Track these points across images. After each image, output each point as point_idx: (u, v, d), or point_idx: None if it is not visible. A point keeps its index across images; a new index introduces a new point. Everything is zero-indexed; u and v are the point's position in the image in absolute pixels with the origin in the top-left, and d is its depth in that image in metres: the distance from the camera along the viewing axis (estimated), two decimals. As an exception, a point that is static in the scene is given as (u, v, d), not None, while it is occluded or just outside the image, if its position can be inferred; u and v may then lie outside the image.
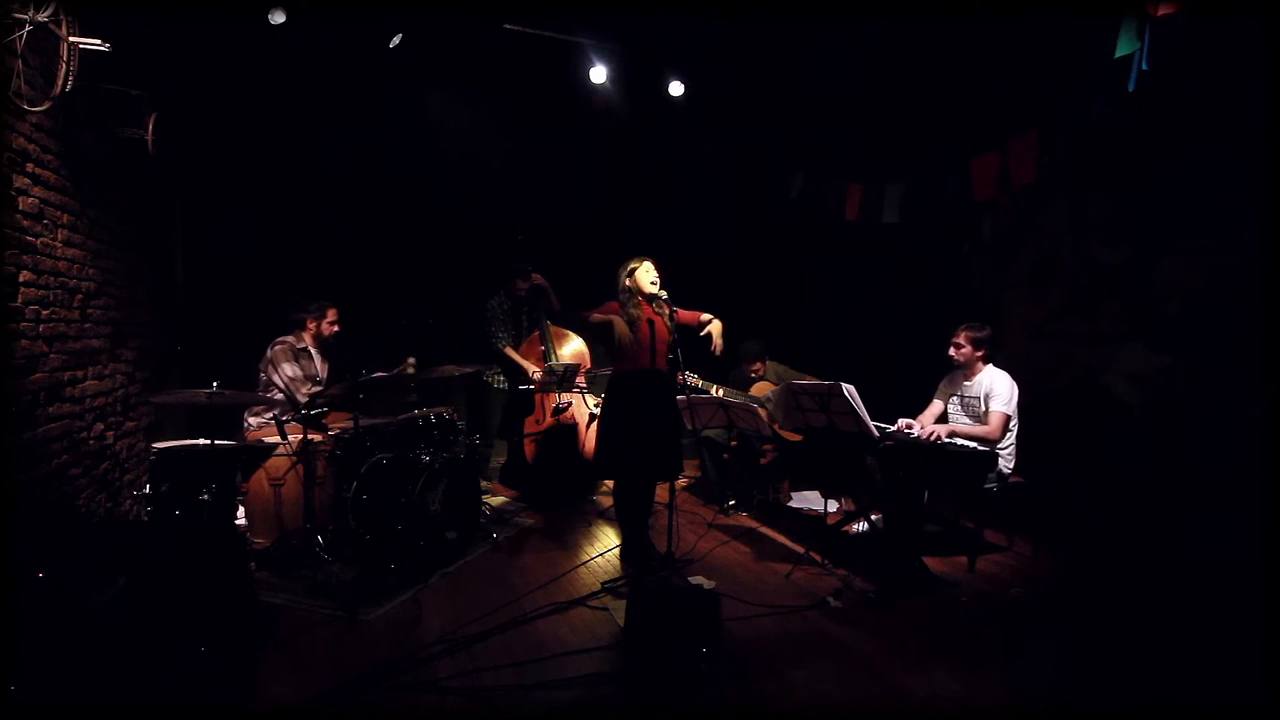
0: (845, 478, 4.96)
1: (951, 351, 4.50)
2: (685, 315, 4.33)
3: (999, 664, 3.18)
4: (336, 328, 4.87)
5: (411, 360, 4.78)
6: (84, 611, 2.70)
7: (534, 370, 5.76)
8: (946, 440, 4.20)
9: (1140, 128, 4.72)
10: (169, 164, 4.96)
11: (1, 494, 3.00)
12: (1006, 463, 4.32)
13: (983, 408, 4.36)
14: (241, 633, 3.22)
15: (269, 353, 4.68)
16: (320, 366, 4.87)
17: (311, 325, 4.83)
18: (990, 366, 4.44)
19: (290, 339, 4.76)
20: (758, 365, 5.70)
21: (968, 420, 4.46)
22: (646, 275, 4.22)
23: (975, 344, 4.43)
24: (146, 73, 4.43)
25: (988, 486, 4.27)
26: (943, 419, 4.59)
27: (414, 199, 6.33)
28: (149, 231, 5.06)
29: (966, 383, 4.48)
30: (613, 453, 4.28)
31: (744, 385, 5.72)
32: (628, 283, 4.23)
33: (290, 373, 4.64)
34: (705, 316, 4.37)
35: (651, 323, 4.21)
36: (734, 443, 5.58)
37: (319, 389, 4.63)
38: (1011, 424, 4.30)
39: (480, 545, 4.56)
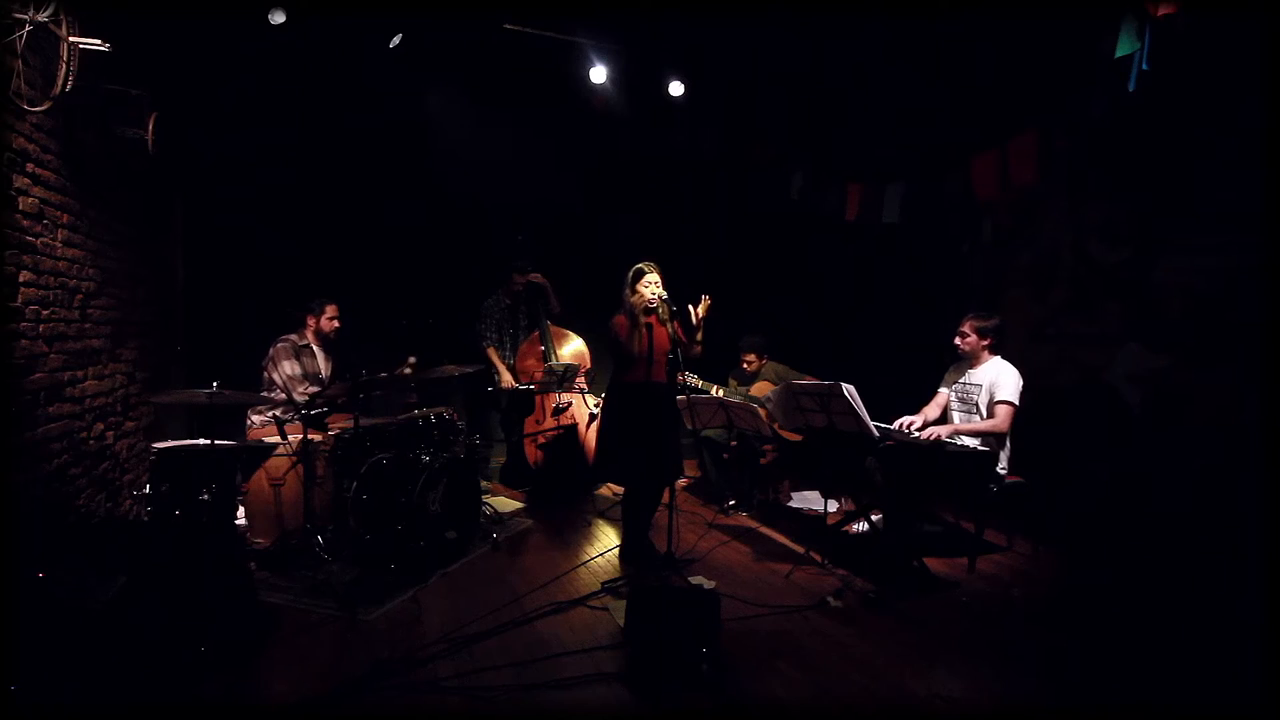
0: (845, 478, 4.96)
1: (957, 341, 4.48)
2: (680, 334, 4.29)
3: (999, 664, 3.18)
4: (336, 323, 4.87)
5: (412, 359, 4.79)
6: (84, 611, 2.70)
7: (506, 377, 5.83)
8: (946, 440, 4.20)
9: (1140, 128, 4.72)
10: (169, 164, 4.96)
11: (1, 494, 3.01)
12: (1004, 462, 4.32)
13: (982, 397, 4.33)
14: (241, 632, 3.22)
15: (271, 350, 4.70)
16: (324, 363, 4.87)
17: (311, 322, 4.84)
18: (997, 358, 4.41)
19: (293, 336, 4.78)
20: (751, 357, 5.70)
21: (964, 409, 4.44)
22: (647, 290, 4.18)
23: (980, 333, 4.40)
24: (146, 73, 4.43)
25: (988, 486, 4.27)
26: (948, 409, 4.58)
27: (414, 199, 6.33)
28: (149, 231, 5.06)
29: (971, 371, 4.46)
30: (614, 460, 4.33)
31: (744, 383, 5.72)
32: (629, 293, 4.22)
33: (289, 371, 4.65)
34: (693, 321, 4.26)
35: (650, 329, 4.20)
36: (734, 443, 5.58)
37: (316, 389, 4.64)
38: (1014, 412, 4.27)
39: (480, 545, 4.56)
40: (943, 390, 4.62)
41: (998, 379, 4.31)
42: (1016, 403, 4.24)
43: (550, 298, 5.95)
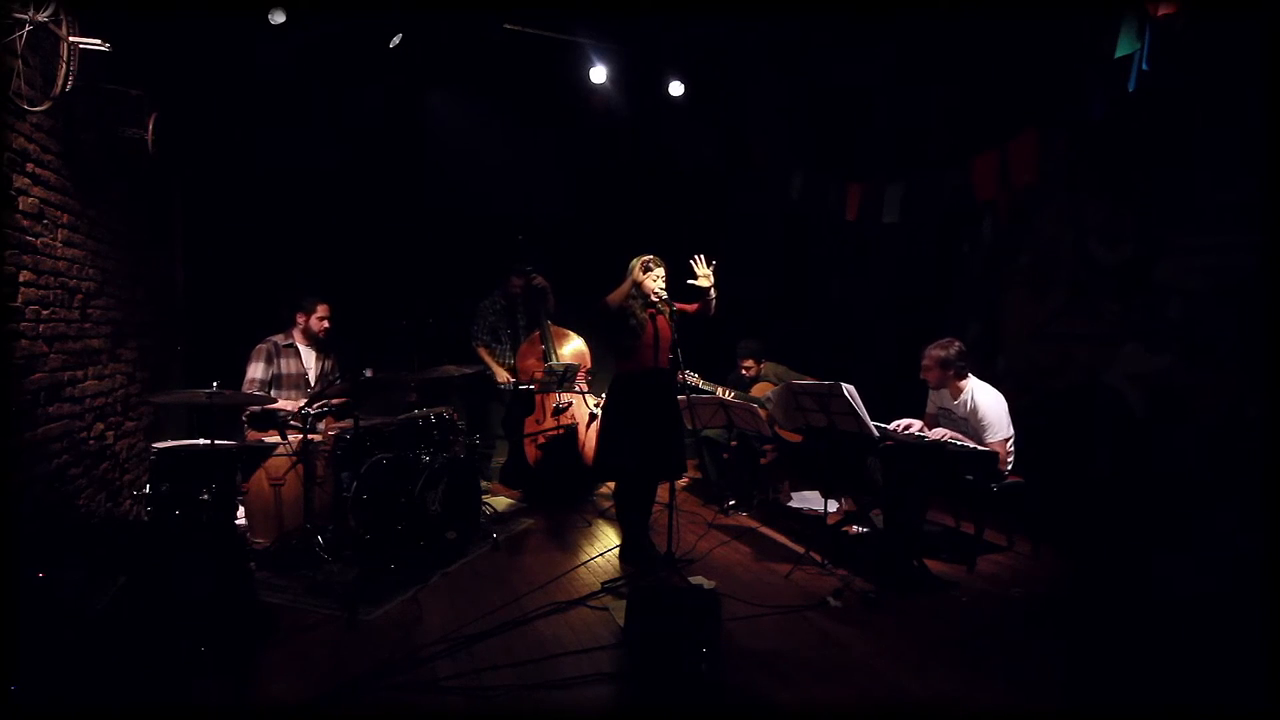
0: (845, 478, 4.95)
1: (924, 375, 4.40)
2: (687, 308, 4.30)
3: (999, 664, 3.18)
4: (327, 323, 4.81)
5: (368, 371, 4.79)
6: (84, 611, 2.70)
7: (500, 373, 5.85)
8: (948, 440, 4.19)
9: (1140, 128, 4.72)
10: (169, 164, 4.96)
11: (2, 494, 3.01)
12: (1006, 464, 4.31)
13: (968, 428, 4.28)
14: (241, 633, 3.22)
15: (251, 352, 4.68)
16: (314, 364, 4.85)
17: (301, 321, 4.80)
18: (971, 381, 4.32)
19: (277, 337, 4.75)
20: (749, 362, 5.70)
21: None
22: (657, 283, 4.19)
23: (942, 365, 4.29)
24: (146, 73, 4.43)
25: (988, 486, 4.26)
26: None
27: (415, 199, 6.33)
28: (149, 231, 5.06)
29: (953, 401, 4.38)
30: (616, 453, 4.28)
31: (742, 386, 5.72)
32: (632, 285, 4.22)
33: (251, 374, 4.60)
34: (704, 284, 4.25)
35: (655, 321, 4.21)
36: (734, 443, 5.58)
37: (266, 396, 4.59)
38: (1009, 441, 4.25)
39: (480, 545, 4.56)
40: (929, 412, 4.59)
41: (982, 415, 4.19)
42: (1007, 435, 4.19)
43: (550, 301, 5.95)
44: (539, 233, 6.20)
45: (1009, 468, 4.28)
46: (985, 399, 4.24)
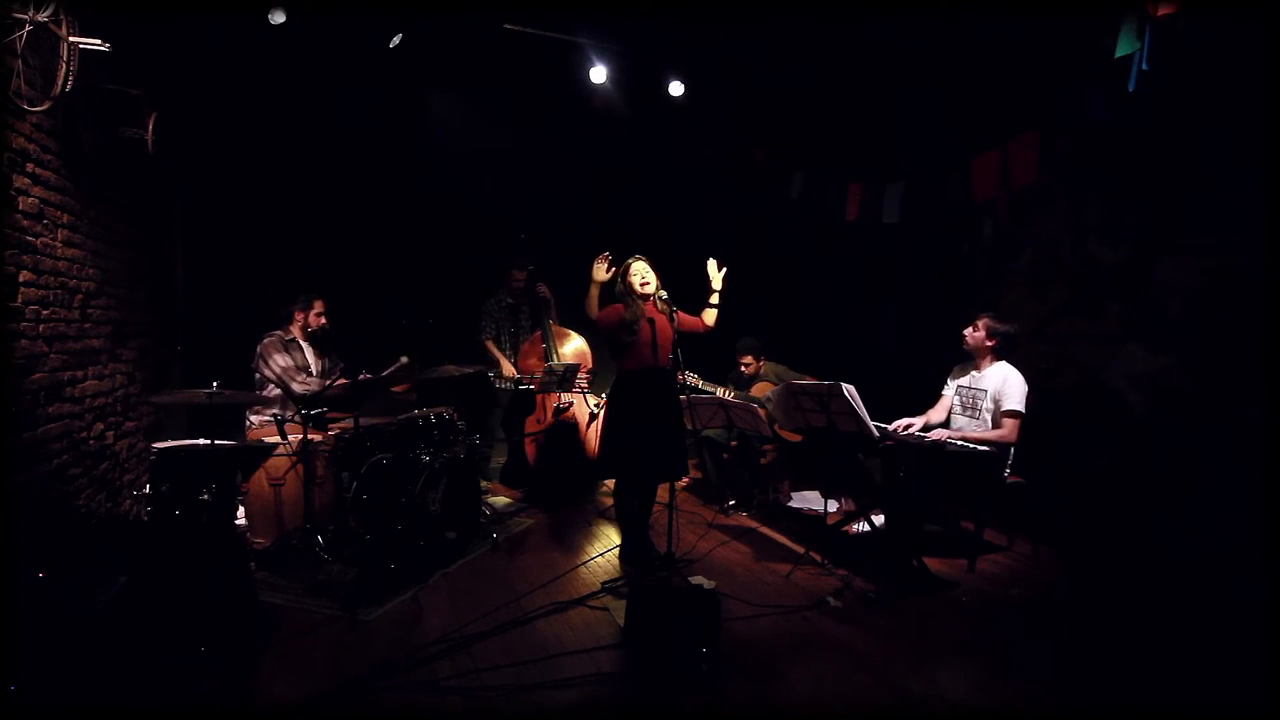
0: (845, 478, 4.95)
1: (966, 332, 4.46)
2: (688, 320, 4.32)
3: (999, 664, 3.18)
4: (324, 319, 4.86)
5: (404, 359, 4.77)
6: (84, 611, 2.70)
7: (506, 366, 5.86)
8: (947, 440, 4.19)
9: (1140, 128, 4.72)
10: (169, 164, 4.96)
11: (2, 494, 3.01)
12: (1007, 464, 4.31)
13: (987, 403, 4.31)
14: (241, 633, 3.22)
15: (259, 349, 4.68)
16: (313, 359, 4.86)
17: (299, 317, 4.82)
18: (1004, 363, 4.39)
19: (279, 332, 4.77)
20: (748, 359, 5.70)
21: (968, 414, 4.43)
22: (637, 277, 4.23)
23: (990, 333, 4.37)
24: (146, 73, 4.43)
25: (988, 486, 4.26)
26: (950, 410, 4.56)
27: (414, 199, 6.33)
28: (149, 231, 5.06)
29: (975, 373, 4.44)
30: (618, 452, 4.28)
31: (742, 383, 5.73)
32: (621, 285, 4.25)
33: (283, 363, 4.64)
34: (709, 309, 4.45)
35: (652, 320, 4.22)
36: (734, 443, 5.58)
37: (313, 379, 4.65)
38: (1021, 419, 4.25)
39: (480, 545, 4.56)
40: (946, 392, 4.60)
41: (1004, 387, 4.26)
42: (1023, 411, 4.22)
43: (552, 310, 5.95)
44: (539, 232, 6.21)
45: (1009, 451, 4.28)
46: (1014, 375, 4.30)
